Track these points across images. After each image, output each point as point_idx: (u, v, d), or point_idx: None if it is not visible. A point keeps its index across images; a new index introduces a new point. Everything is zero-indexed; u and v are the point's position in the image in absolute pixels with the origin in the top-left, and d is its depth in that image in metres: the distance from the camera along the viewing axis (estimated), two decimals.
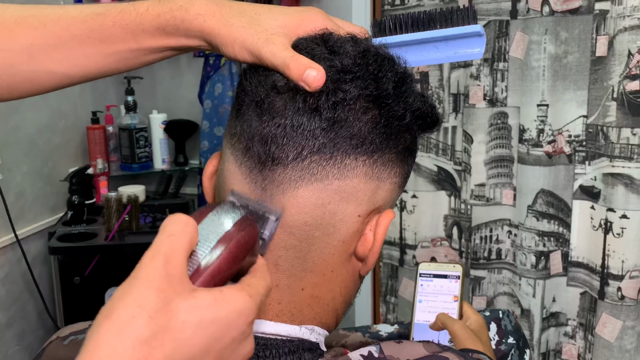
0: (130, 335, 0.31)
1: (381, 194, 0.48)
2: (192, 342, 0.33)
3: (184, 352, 0.33)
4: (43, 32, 0.51)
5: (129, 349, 0.31)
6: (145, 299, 0.33)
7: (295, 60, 0.44)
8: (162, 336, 0.32)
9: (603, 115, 1.48)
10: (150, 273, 0.34)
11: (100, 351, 0.31)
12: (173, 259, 0.35)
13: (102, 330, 0.32)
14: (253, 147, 0.46)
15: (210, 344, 0.34)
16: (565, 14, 1.50)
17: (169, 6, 0.49)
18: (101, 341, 0.31)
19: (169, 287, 0.34)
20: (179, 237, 0.35)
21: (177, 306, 0.33)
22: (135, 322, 0.32)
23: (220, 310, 0.34)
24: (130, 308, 0.32)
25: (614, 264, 1.49)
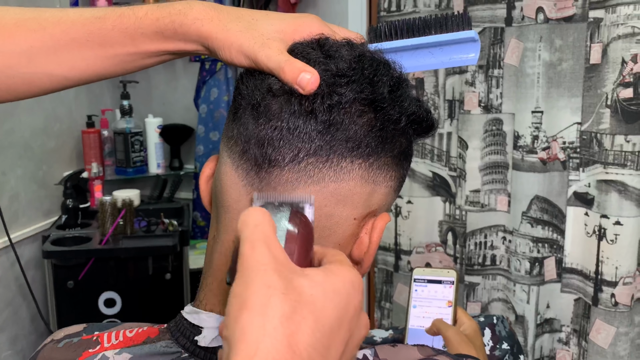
0: (274, 314, 0.31)
1: (377, 197, 0.49)
2: (327, 313, 0.33)
3: (324, 323, 0.33)
4: (42, 35, 0.51)
5: (278, 326, 0.31)
6: (270, 281, 0.32)
7: (289, 64, 0.45)
8: (301, 310, 0.32)
9: (597, 122, 1.49)
10: (260, 258, 0.33)
11: (254, 335, 0.31)
12: (271, 244, 0.35)
13: (244, 319, 0.31)
14: (250, 149, 0.46)
15: (341, 313, 0.34)
16: (559, 21, 1.51)
17: (167, 10, 0.49)
18: (247, 328, 0.31)
19: (283, 268, 0.34)
20: (265, 225, 0.35)
21: (299, 283, 0.33)
22: (273, 301, 0.32)
23: (335, 283, 0.35)
24: (261, 291, 0.32)
25: (608, 270, 1.50)
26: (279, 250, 0.35)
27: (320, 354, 0.32)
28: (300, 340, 0.31)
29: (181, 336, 0.50)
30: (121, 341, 0.52)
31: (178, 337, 0.50)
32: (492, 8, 1.61)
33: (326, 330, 0.33)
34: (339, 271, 0.35)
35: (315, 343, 0.32)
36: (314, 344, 0.32)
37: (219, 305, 0.49)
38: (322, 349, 0.32)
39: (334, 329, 0.33)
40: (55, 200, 1.91)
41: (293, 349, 0.31)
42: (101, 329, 0.55)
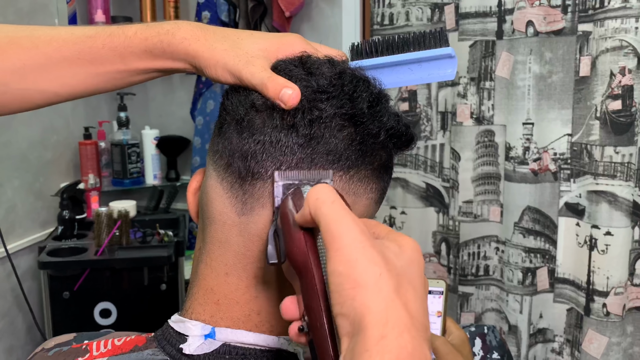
0: (389, 289, 0.34)
1: (358, 209, 0.50)
2: (417, 282, 0.37)
3: (419, 290, 0.36)
4: (35, 53, 0.53)
5: (395, 298, 0.34)
6: (372, 257, 0.35)
7: (272, 81, 0.47)
8: (403, 282, 0.35)
9: (587, 133, 1.51)
10: (354, 235, 0.36)
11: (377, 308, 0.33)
12: (355, 219, 0.37)
13: (363, 296, 0.34)
14: (234, 163, 0.48)
15: (422, 279, 0.37)
16: (549, 34, 1.54)
17: (156, 30, 0.51)
18: (370, 303, 0.34)
19: (373, 242, 0.36)
20: (339, 200, 0.38)
21: (388, 255, 0.36)
22: (383, 278, 0.34)
23: (409, 251, 0.38)
24: (370, 268, 0.35)
25: (599, 280, 1.51)
26: (362, 224, 0.37)
27: (424, 314, 0.36)
28: (412, 307, 0.34)
29: (167, 344, 0.51)
30: (109, 349, 0.53)
31: (164, 345, 0.51)
32: (483, 22, 1.63)
33: (422, 295, 0.36)
34: (404, 240, 0.38)
35: (420, 308, 0.35)
36: (420, 309, 0.35)
37: (204, 314, 0.50)
38: (424, 312, 0.36)
39: (423, 293, 0.37)
40: (52, 212, 1.92)
41: (411, 315, 0.34)
42: (90, 337, 0.56)
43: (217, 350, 0.49)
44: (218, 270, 0.50)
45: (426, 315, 0.36)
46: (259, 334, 0.49)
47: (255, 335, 0.49)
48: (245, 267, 0.49)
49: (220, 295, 0.50)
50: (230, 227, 0.49)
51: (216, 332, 0.49)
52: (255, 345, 0.49)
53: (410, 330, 0.33)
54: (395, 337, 0.32)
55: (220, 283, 0.50)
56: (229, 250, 0.49)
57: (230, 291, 0.50)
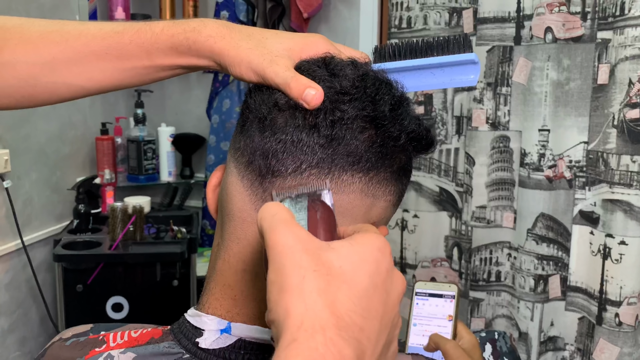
0: (311, 290, 0.33)
1: (376, 210, 0.51)
2: (359, 281, 0.35)
3: (358, 289, 0.35)
4: (65, 48, 0.54)
5: (317, 299, 0.33)
6: (300, 260, 0.34)
7: (295, 80, 0.47)
8: (334, 282, 0.34)
9: (603, 141, 1.50)
10: (285, 241, 0.35)
11: (297, 311, 0.33)
12: (293, 226, 0.37)
13: (285, 300, 0.33)
14: (255, 161, 0.48)
15: (373, 278, 0.36)
16: (568, 41, 1.53)
17: (182, 27, 0.52)
18: (292, 307, 0.33)
19: (308, 246, 0.36)
20: (283, 212, 0.38)
21: (327, 257, 0.35)
22: (307, 279, 0.34)
23: (362, 251, 0.36)
24: (294, 272, 0.34)
25: (612, 289, 1.50)
26: (301, 230, 0.37)
27: (361, 315, 0.34)
28: (341, 307, 0.33)
29: (183, 338, 0.52)
30: (126, 341, 0.54)
31: (180, 338, 0.52)
32: (502, 27, 1.63)
33: (362, 294, 0.35)
34: (363, 239, 0.37)
35: (354, 307, 0.34)
36: (353, 309, 0.34)
37: (221, 309, 0.51)
38: (362, 312, 0.34)
39: (369, 292, 0.35)
40: (68, 205, 1.94)
41: (336, 314, 0.33)
42: (107, 329, 0.57)
43: (233, 345, 0.49)
44: (236, 266, 0.51)
45: (365, 314, 0.34)
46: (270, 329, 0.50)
47: (270, 331, 0.50)
48: (262, 264, 0.49)
49: (237, 291, 0.50)
50: (250, 224, 0.50)
51: (232, 327, 0.50)
52: (270, 342, 0.50)
53: (326, 331, 0.32)
54: (305, 339, 0.31)
55: (237, 279, 0.51)
56: (247, 247, 0.50)
57: (247, 287, 0.50)
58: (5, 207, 1.66)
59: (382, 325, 0.36)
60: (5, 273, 1.71)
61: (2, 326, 1.72)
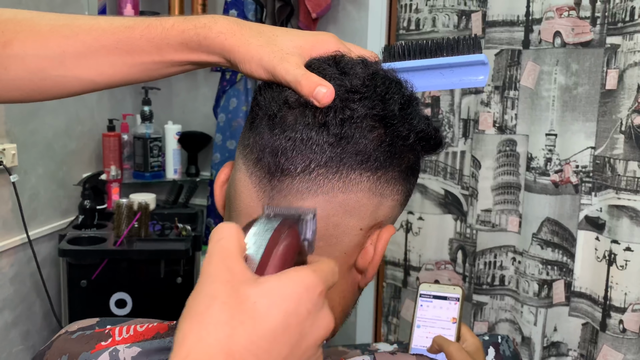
0: (210, 321, 0.33)
1: (383, 209, 0.51)
2: (269, 319, 0.34)
3: (264, 327, 0.34)
4: (75, 41, 0.54)
5: (213, 331, 0.33)
6: (215, 290, 0.35)
7: (306, 78, 0.47)
8: (239, 316, 0.34)
9: (611, 147, 1.49)
10: (212, 271, 0.36)
11: (189, 340, 0.33)
12: (229, 256, 0.36)
13: (185, 327, 0.34)
14: (264, 158, 0.48)
15: (288, 319, 0.35)
16: (576, 46, 1.53)
17: (193, 23, 0.52)
18: (187, 334, 0.33)
19: (233, 278, 0.35)
20: (228, 239, 0.37)
21: (246, 292, 0.35)
22: (212, 309, 0.34)
23: (287, 287, 0.36)
24: (203, 301, 0.34)
25: (617, 296, 1.49)
26: (236, 262, 0.36)
27: (255, 355, 0.34)
28: (236, 343, 0.33)
29: None
30: (132, 335, 0.54)
31: None
32: (510, 30, 1.63)
33: (267, 334, 0.34)
34: (294, 275, 0.36)
35: (251, 346, 0.33)
36: (249, 347, 0.33)
37: None
38: (259, 352, 0.34)
39: (277, 332, 0.35)
40: (73, 201, 1.95)
41: (227, 351, 0.33)
42: (113, 323, 0.57)
43: None
44: None
45: (263, 355, 0.34)
46: None
47: None
48: None
49: None
50: None
51: None
52: None
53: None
54: None
55: None
56: None
57: None
58: (12, 201, 1.67)
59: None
60: (10, 267, 1.72)
61: (6, 320, 1.72)
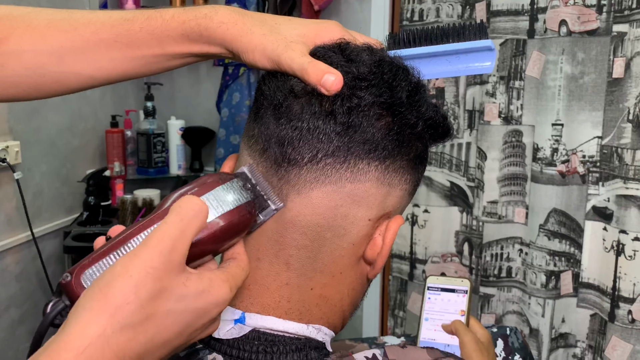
0: (120, 320, 0.35)
1: (391, 199, 0.50)
2: (171, 329, 0.37)
3: (162, 337, 0.36)
4: (73, 36, 0.53)
5: (117, 331, 0.34)
6: (142, 287, 0.35)
7: (313, 66, 0.46)
8: (147, 323, 0.36)
9: (618, 136, 1.48)
10: (155, 259, 0.36)
11: (91, 330, 0.34)
12: (179, 247, 0.37)
13: (96, 309, 0.35)
14: (270, 148, 0.47)
15: (184, 329, 0.38)
16: (582, 34, 1.51)
17: (193, 14, 0.51)
18: (93, 320, 0.34)
19: (167, 276, 0.36)
20: (190, 224, 0.38)
21: (169, 295, 0.36)
22: (128, 308, 0.35)
23: (203, 302, 0.38)
24: (125, 293, 0.35)
25: (625, 286, 1.48)
26: (181, 255, 0.37)
27: (140, 358, 0.36)
28: (131, 349, 0.35)
29: None
30: None
31: None
32: (515, 20, 1.61)
33: (160, 343, 0.37)
34: (216, 291, 0.39)
35: (143, 352, 0.36)
36: (140, 353, 0.36)
37: (234, 299, 0.50)
38: (147, 356, 0.36)
39: (170, 340, 0.37)
40: (78, 197, 1.95)
41: (120, 356, 0.34)
42: None
43: (247, 336, 0.49)
44: (250, 255, 0.50)
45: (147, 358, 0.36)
46: (288, 321, 0.49)
47: (284, 322, 0.49)
48: (277, 254, 0.49)
49: (251, 280, 0.50)
50: None
51: (246, 317, 0.49)
52: (284, 332, 0.49)
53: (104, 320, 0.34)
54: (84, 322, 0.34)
55: (251, 268, 0.50)
56: (261, 236, 0.49)
57: (262, 277, 0.50)
58: (16, 199, 1.67)
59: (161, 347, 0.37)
60: (15, 264, 1.72)
61: (13, 317, 1.73)
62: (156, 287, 0.36)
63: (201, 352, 0.50)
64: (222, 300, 0.39)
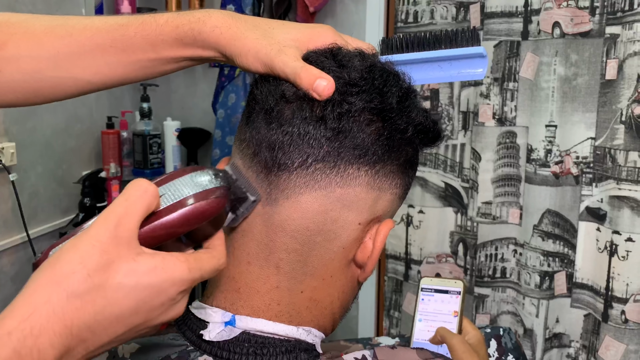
0: (66, 288, 0.35)
1: (382, 203, 0.50)
2: (123, 303, 0.36)
3: (113, 310, 0.36)
4: (69, 41, 0.53)
5: (63, 299, 0.35)
6: (89, 258, 0.36)
7: (306, 71, 0.47)
8: (95, 293, 0.36)
9: (611, 137, 1.49)
10: (100, 233, 0.37)
11: (37, 297, 0.35)
12: (125, 222, 0.37)
13: (43, 279, 0.35)
14: (261, 152, 0.48)
15: (140, 306, 0.37)
16: (576, 36, 1.52)
17: (187, 18, 0.51)
18: (40, 289, 0.35)
19: (114, 249, 0.37)
20: (134, 202, 0.38)
21: (117, 268, 0.36)
22: (74, 277, 0.35)
23: (155, 278, 0.37)
24: (72, 263, 0.36)
25: (619, 287, 1.49)
26: (129, 231, 0.37)
27: (92, 332, 0.36)
28: (79, 318, 0.35)
29: (187, 329, 0.52)
30: None
31: (184, 330, 0.52)
32: (509, 22, 1.62)
33: (112, 316, 0.36)
34: (170, 267, 0.38)
35: (92, 323, 0.36)
36: (90, 324, 0.35)
37: (225, 302, 0.51)
38: (98, 329, 0.36)
39: (123, 316, 0.37)
40: (74, 199, 1.94)
41: (67, 324, 0.35)
42: None
43: (237, 338, 0.49)
44: (240, 258, 0.50)
45: (99, 331, 0.36)
46: (278, 323, 0.50)
47: (274, 324, 0.49)
48: (267, 257, 0.49)
49: (241, 283, 0.50)
50: (254, 217, 0.49)
51: (236, 319, 0.50)
52: (274, 335, 0.49)
53: (42, 336, 0.34)
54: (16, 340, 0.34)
55: (241, 271, 0.50)
56: (251, 240, 0.50)
57: (252, 280, 0.50)
58: (11, 200, 1.67)
59: (115, 341, 0.38)
60: (11, 265, 1.72)
61: None
62: (103, 259, 0.36)
63: (192, 354, 0.50)
64: (178, 278, 0.38)
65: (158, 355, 0.51)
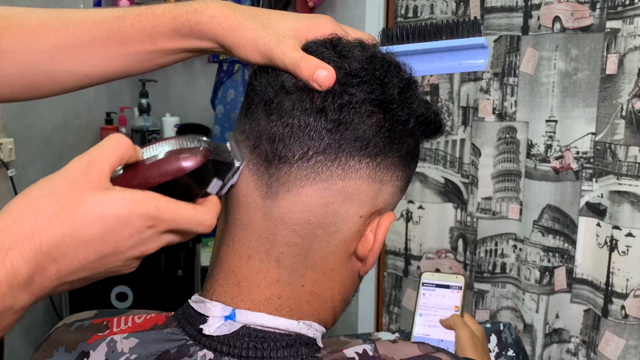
0: (35, 209, 0.37)
1: (383, 196, 0.50)
2: (90, 228, 0.38)
3: (81, 234, 0.38)
4: (65, 34, 0.53)
5: (31, 218, 0.37)
6: (59, 187, 0.38)
7: (306, 61, 0.46)
8: (63, 216, 0.37)
9: (611, 133, 1.48)
10: (72, 169, 0.39)
11: (7, 217, 0.37)
12: (96, 163, 0.39)
13: (14, 204, 0.38)
14: (261, 145, 0.47)
15: (108, 233, 0.38)
16: (576, 31, 1.51)
17: (184, 9, 0.51)
18: (10, 210, 0.37)
19: (84, 182, 0.38)
20: (107, 149, 0.40)
21: (86, 197, 0.38)
22: (43, 200, 0.37)
23: (123, 208, 0.38)
24: (42, 190, 0.38)
25: (619, 282, 1.49)
26: (99, 170, 0.39)
27: (63, 253, 0.37)
28: (47, 237, 0.37)
29: (187, 324, 0.51)
30: (130, 327, 0.53)
31: (184, 324, 0.52)
32: (509, 16, 1.61)
33: (80, 240, 0.38)
34: (138, 201, 0.39)
35: (61, 244, 0.37)
36: (59, 244, 0.37)
37: (225, 296, 0.50)
38: (68, 251, 0.37)
39: (91, 241, 0.38)
40: None
41: (36, 241, 0.36)
42: (111, 314, 0.57)
43: (237, 332, 0.49)
44: (240, 252, 0.50)
45: (68, 254, 0.37)
46: (278, 317, 0.49)
47: (275, 318, 0.49)
48: (267, 251, 0.49)
49: (241, 277, 0.50)
50: (254, 210, 0.49)
51: (236, 314, 0.49)
52: (274, 329, 0.49)
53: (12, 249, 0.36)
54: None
55: (241, 265, 0.50)
56: (252, 233, 0.49)
57: (252, 274, 0.50)
58: (10, 196, 1.66)
59: (88, 269, 0.39)
60: None
61: None
62: (72, 189, 0.38)
63: (192, 349, 0.50)
64: (146, 211, 0.39)
65: (157, 350, 0.51)
